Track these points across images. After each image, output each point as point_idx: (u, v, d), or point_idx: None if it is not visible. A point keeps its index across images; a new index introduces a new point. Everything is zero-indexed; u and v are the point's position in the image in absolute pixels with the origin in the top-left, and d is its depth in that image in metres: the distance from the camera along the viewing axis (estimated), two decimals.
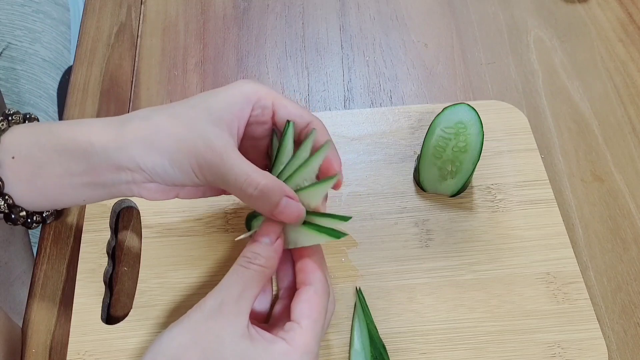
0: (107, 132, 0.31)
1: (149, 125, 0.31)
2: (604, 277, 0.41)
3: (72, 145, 0.31)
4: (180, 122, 0.31)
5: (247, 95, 0.32)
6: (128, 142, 0.30)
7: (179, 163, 0.30)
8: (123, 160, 0.30)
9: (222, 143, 0.30)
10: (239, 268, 0.30)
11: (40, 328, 0.39)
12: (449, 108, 0.41)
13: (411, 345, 0.36)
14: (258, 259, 0.30)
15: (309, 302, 0.30)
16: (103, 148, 0.30)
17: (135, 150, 0.30)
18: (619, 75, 0.51)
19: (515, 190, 0.42)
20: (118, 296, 0.40)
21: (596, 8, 0.55)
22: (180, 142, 0.30)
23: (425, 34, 0.54)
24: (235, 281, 0.29)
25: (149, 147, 0.30)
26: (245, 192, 0.30)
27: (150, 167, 0.30)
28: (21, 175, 0.32)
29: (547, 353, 0.36)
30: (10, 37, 0.62)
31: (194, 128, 0.30)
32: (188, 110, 0.31)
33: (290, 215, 0.30)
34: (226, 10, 0.56)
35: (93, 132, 0.31)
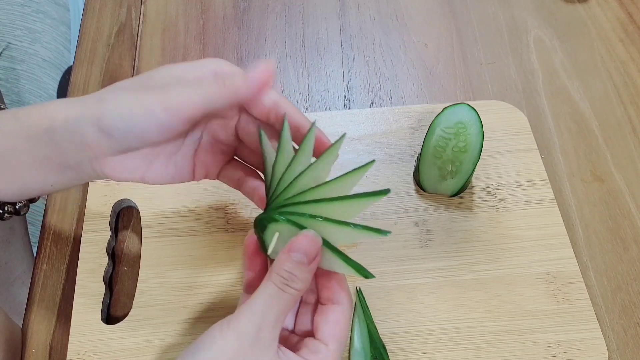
0: (69, 107, 0.30)
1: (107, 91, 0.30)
2: (604, 277, 0.41)
3: (36, 127, 0.30)
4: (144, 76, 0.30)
5: (213, 69, 0.31)
6: (87, 109, 0.29)
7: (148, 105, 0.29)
8: (83, 130, 0.29)
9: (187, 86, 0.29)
10: (276, 290, 0.28)
11: (40, 328, 0.39)
12: (449, 108, 0.41)
13: (411, 345, 0.36)
14: (296, 283, 0.28)
15: (338, 324, 0.29)
16: (64, 122, 0.29)
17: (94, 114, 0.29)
18: (619, 75, 0.51)
19: (515, 190, 0.42)
20: (118, 296, 0.40)
21: (596, 8, 0.55)
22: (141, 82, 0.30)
23: (425, 34, 0.54)
24: (272, 305, 0.28)
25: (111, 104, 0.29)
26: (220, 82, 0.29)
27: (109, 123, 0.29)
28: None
29: (547, 353, 0.36)
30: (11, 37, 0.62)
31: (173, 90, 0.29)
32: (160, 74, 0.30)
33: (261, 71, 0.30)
34: (226, 10, 0.56)
35: (56, 108, 0.30)
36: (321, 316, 0.30)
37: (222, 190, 0.42)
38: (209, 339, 0.27)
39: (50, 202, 0.44)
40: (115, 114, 0.29)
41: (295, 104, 0.50)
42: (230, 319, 0.27)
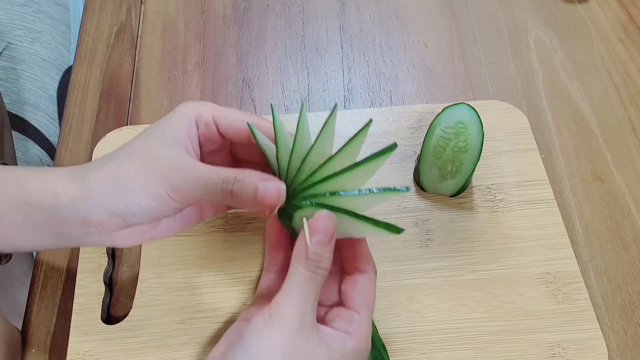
0: (72, 182, 0.30)
1: (111, 168, 0.30)
2: (604, 277, 0.41)
3: (36, 197, 0.30)
4: (141, 156, 0.30)
5: (188, 114, 0.32)
6: (95, 189, 0.29)
7: (153, 193, 0.29)
8: (92, 211, 0.29)
9: (188, 159, 0.30)
10: (309, 274, 0.29)
11: (40, 328, 0.39)
12: (449, 108, 0.41)
13: (411, 345, 0.36)
14: (323, 262, 0.29)
15: (367, 292, 0.31)
16: (70, 199, 0.29)
17: (105, 196, 0.29)
18: (619, 75, 0.51)
19: (515, 190, 0.42)
20: (118, 296, 0.40)
21: (596, 8, 0.55)
22: (147, 174, 0.29)
23: (425, 34, 0.54)
24: (309, 290, 0.28)
25: (118, 188, 0.29)
26: (226, 191, 0.29)
27: (124, 208, 0.29)
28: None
29: (547, 353, 0.36)
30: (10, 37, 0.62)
31: (156, 156, 0.30)
32: (143, 144, 0.31)
33: (271, 197, 0.29)
34: (226, 10, 0.56)
35: (59, 182, 0.30)
36: (350, 285, 0.31)
37: None
38: (254, 333, 0.27)
39: None
40: (129, 201, 0.29)
41: (295, 104, 0.50)
42: (271, 310, 0.28)
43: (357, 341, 0.29)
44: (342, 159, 0.30)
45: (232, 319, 0.37)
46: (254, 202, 0.29)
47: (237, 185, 0.29)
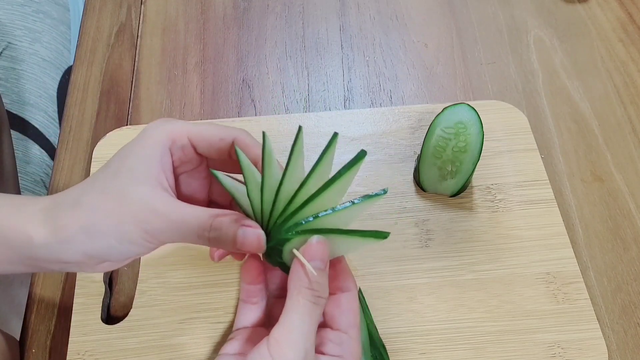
0: (44, 226, 0.28)
1: (82, 211, 0.28)
2: (604, 277, 0.41)
3: (10, 236, 0.28)
4: (113, 198, 0.28)
5: (161, 142, 0.30)
6: (69, 235, 0.28)
7: (128, 238, 0.28)
8: (68, 255, 0.28)
9: (162, 202, 0.28)
10: (311, 306, 0.27)
11: (40, 328, 0.39)
12: (449, 108, 0.41)
13: (411, 346, 0.36)
14: (323, 291, 0.28)
15: (352, 311, 0.30)
16: (44, 244, 0.28)
17: (79, 242, 0.28)
18: (619, 75, 0.51)
19: (515, 190, 0.42)
20: (118, 296, 0.40)
21: (596, 8, 0.55)
22: (120, 218, 0.28)
23: (425, 34, 0.54)
24: (310, 323, 0.27)
25: (92, 234, 0.28)
26: (203, 237, 0.28)
27: (99, 252, 0.28)
28: None
29: (547, 353, 0.36)
30: (11, 37, 0.62)
31: (127, 198, 0.28)
32: (113, 180, 0.29)
33: (252, 244, 0.28)
34: (226, 10, 0.56)
35: (30, 225, 0.28)
36: (334, 306, 0.30)
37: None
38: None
39: None
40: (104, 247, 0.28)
41: (295, 104, 0.50)
42: (271, 349, 0.26)
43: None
44: (315, 180, 0.28)
45: (232, 319, 0.37)
46: (234, 248, 0.28)
47: (214, 233, 0.28)
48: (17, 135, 0.60)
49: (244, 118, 0.47)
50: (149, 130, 0.30)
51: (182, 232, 0.28)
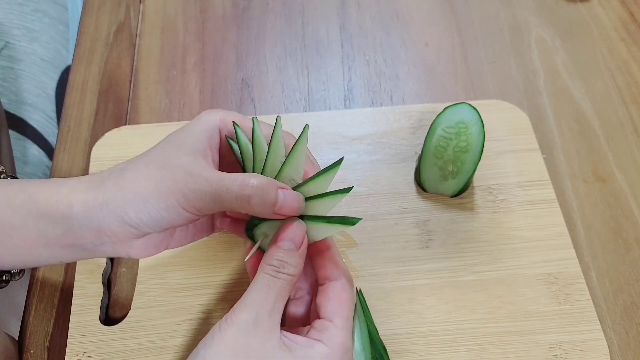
0: (86, 193, 0.29)
1: (125, 178, 0.29)
2: (606, 278, 0.40)
3: (50, 208, 0.29)
4: (156, 165, 0.29)
5: (213, 123, 0.32)
6: (109, 198, 0.29)
7: (165, 203, 0.29)
8: (105, 221, 0.29)
9: (201, 167, 0.29)
10: (269, 278, 0.28)
11: (38, 329, 0.39)
12: (450, 108, 0.40)
13: (412, 347, 0.36)
14: (287, 268, 0.29)
15: (339, 299, 0.30)
16: (83, 210, 0.29)
17: (117, 206, 0.29)
18: (621, 74, 0.51)
19: (517, 191, 0.42)
20: (116, 297, 0.39)
21: (598, 7, 0.55)
22: (160, 182, 0.29)
23: (426, 33, 0.54)
24: (267, 293, 0.28)
25: (131, 198, 0.29)
26: (241, 199, 0.28)
27: (135, 217, 0.29)
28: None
29: (549, 354, 0.36)
30: (9, 36, 0.62)
31: (170, 164, 0.29)
32: (162, 152, 0.30)
33: (292, 206, 0.29)
34: (226, 9, 0.56)
35: (72, 194, 0.29)
36: (322, 295, 0.30)
37: None
38: (209, 337, 0.27)
39: None
40: (141, 210, 0.29)
41: (295, 103, 0.50)
42: (228, 314, 0.28)
43: (328, 349, 0.28)
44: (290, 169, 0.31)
45: None
46: (271, 211, 0.29)
47: (254, 191, 0.28)
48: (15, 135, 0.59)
49: None
50: (203, 114, 0.32)
51: (221, 197, 0.28)
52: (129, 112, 0.49)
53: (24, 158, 0.60)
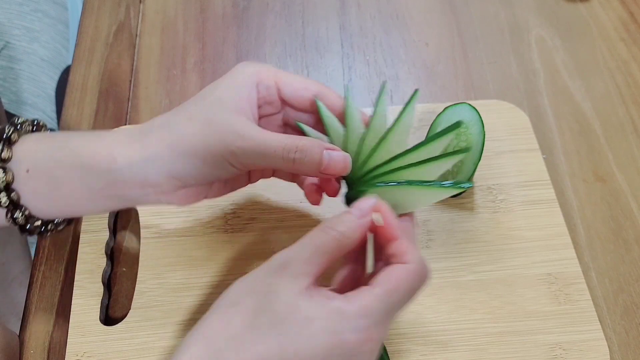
0: (129, 146, 0.30)
1: (170, 133, 0.30)
2: (606, 278, 0.40)
3: (93, 162, 0.30)
4: (200, 122, 0.30)
5: (250, 78, 0.32)
6: (154, 153, 0.30)
7: (213, 160, 0.30)
8: (151, 173, 0.30)
9: (247, 127, 0.30)
10: (315, 231, 0.28)
11: (38, 329, 0.39)
12: (450, 107, 0.40)
13: (411, 347, 0.36)
14: (339, 226, 0.27)
15: (394, 274, 0.27)
16: (128, 163, 0.30)
17: (164, 161, 0.30)
18: (621, 74, 0.51)
19: (517, 191, 0.42)
20: (116, 297, 0.39)
21: (598, 7, 0.55)
22: (207, 140, 0.30)
23: (426, 33, 0.54)
24: (307, 243, 0.27)
25: (177, 154, 0.30)
26: (287, 160, 0.30)
27: (183, 172, 0.30)
28: (37, 189, 0.31)
29: (549, 354, 0.36)
30: (9, 36, 0.62)
31: (215, 122, 0.30)
32: (202, 108, 0.31)
33: (337, 166, 0.30)
34: (225, 9, 0.56)
35: (115, 147, 0.30)
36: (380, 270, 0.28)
37: None
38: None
39: None
40: (189, 166, 0.30)
41: None
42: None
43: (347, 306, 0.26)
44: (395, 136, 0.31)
45: None
46: (317, 171, 0.30)
47: (299, 154, 0.29)
48: None
49: None
50: (238, 67, 0.33)
51: (267, 154, 0.30)
52: (129, 112, 0.49)
53: None
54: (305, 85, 0.33)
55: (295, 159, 0.30)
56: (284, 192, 0.42)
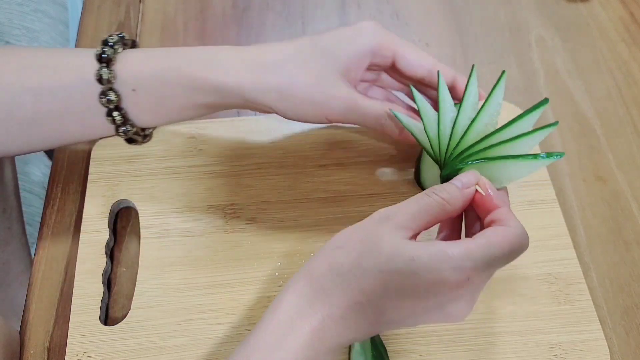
0: (241, 76, 0.35)
1: (282, 75, 0.34)
2: (606, 278, 0.40)
3: (203, 83, 0.35)
4: (311, 73, 0.34)
5: (371, 47, 0.35)
6: (264, 89, 0.34)
7: (312, 112, 0.35)
8: (257, 102, 0.35)
9: (351, 95, 0.35)
10: (421, 195, 0.30)
11: (38, 329, 0.39)
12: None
13: (412, 347, 0.36)
14: (442, 193, 0.29)
15: (496, 231, 0.28)
16: (239, 89, 0.35)
17: (271, 98, 0.35)
18: (621, 74, 0.51)
19: (517, 191, 0.42)
20: (116, 297, 0.39)
21: (598, 7, 0.55)
22: (312, 95, 0.34)
23: (427, 33, 0.54)
24: (412, 203, 0.29)
25: (284, 96, 0.34)
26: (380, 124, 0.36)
27: (283, 111, 0.35)
28: (143, 106, 0.36)
29: (549, 354, 0.36)
30: (9, 36, 0.62)
31: (325, 80, 0.34)
32: (318, 58, 0.35)
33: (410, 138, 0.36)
34: (225, 9, 0.56)
35: (227, 74, 0.35)
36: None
37: (221, 191, 0.42)
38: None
39: (49, 203, 0.43)
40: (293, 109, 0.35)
41: None
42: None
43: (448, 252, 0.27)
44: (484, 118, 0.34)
45: (232, 320, 0.37)
46: (401, 136, 0.37)
47: (387, 122, 0.36)
48: None
49: (244, 117, 0.46)
50: (363, 29, 0.36)
51: (362, 116, 0.36)
52: None
53: (24, 157, 0.60)
54: (420, 61, 0.36)
55: (385, 124, 0.36)
56: (285, 192, 0.42)
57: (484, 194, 0.30)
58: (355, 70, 0.35)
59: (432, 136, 0.34)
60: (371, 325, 0.28)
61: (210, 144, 0.44)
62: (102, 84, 0.35)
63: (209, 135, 0.44)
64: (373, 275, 0.27)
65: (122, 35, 0.38)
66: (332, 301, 0.28)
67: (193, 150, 0.44)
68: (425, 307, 0.28)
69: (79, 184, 0.44)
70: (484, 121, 0.33)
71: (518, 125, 0.33)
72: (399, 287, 0.27)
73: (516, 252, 0.29)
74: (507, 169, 0.32)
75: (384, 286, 0.27)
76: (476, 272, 0.27)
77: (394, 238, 0.28)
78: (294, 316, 0.28)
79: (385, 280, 0.27)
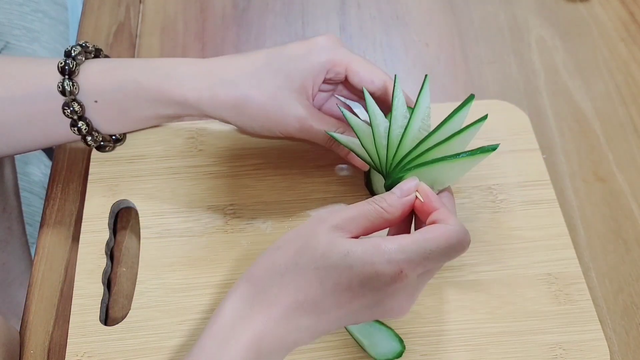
0: (199, 91, 0.36)
1: (237, 94, 0.36)
2: (606, 278, 0.40)
3: (162, 97, 0.36)
4: (266, 93, 0.36)
5: (324, 63, 0.36)
6: (221, 105, 0.36)
7: (268, 128, 0.37)
8: (215, 116, 0.37)
9: (306, 112, 0.36)
10: (363, 202, 0.30)
11: (38, 329, 0.39)
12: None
13: (412, 347, 0.36)
14: (381, 202, 0.30)
15: (433, 228, 0.29)
16: (197, 104, 0.36)
17: (228, 113, 0.36)
18: (621, 74, 0.51)
19: (517, 191, 0.42)
20: (116, 297, 0.39)
21: (598, 7, 0.55)
22: (267, 113, 0.36)
23: (426, 33, 0.54)
24: (352, 207, 0.30)
25: (240, 113, 0.36)
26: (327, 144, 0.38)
27: (240, 125, 0.38)
28: (107, 116, 0.38)
29: (549, 354, 0.36)
30: (9, 37, 0.62)
31: (279, 99, 0.36)
32: (272, 78, 0.36)
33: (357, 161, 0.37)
34: (225, 9, 0.56)
35: (185, 89, 0.36)
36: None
37: (221, 191, 0.42)
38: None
39: (49, 203, 0.43)
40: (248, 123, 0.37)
41: None
42: None
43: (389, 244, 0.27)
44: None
45: None
46: (345, 158, 0.38)
47: (334, 144, 0.37)
48: None
49: None
50: (317, 45, 0.37)
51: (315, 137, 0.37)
52: None
53: (24, 158, 0.60)
54: (371, 77, 0.36)
55: (331, 146, 0.38)
56: (284, 192, 0.42)
57: (422, 200, 0.30)
58: (310, 86, 0.36)
59: (370, 149, 0.35)
60: (314, 324, 0.28)
61: (210, 144, 0.44)
62: (65, 96, 0.36)
63: (209, 136, 0.44)
64: (309, 272, 0.28)
65: (85, 45, 0.39)
66: (271, 301, 0.28)
67: (193, 151, 0.44)
68: (363, 303, 0.28)
69: (79, 184, 0.44)
70: (416, 126, 0.33)
71: (450, 126, 0.33)
72: (335, 283, 0.27)
73: (454, 249, 0.29)
74: (447, 170, 0.32)
75: (321, 282, 0.27)
76: (410, 265, 0.27)
77: (330, 236, 0.28)
78: (235, 319, 0.28)
79: (321, 277, 0.27)
